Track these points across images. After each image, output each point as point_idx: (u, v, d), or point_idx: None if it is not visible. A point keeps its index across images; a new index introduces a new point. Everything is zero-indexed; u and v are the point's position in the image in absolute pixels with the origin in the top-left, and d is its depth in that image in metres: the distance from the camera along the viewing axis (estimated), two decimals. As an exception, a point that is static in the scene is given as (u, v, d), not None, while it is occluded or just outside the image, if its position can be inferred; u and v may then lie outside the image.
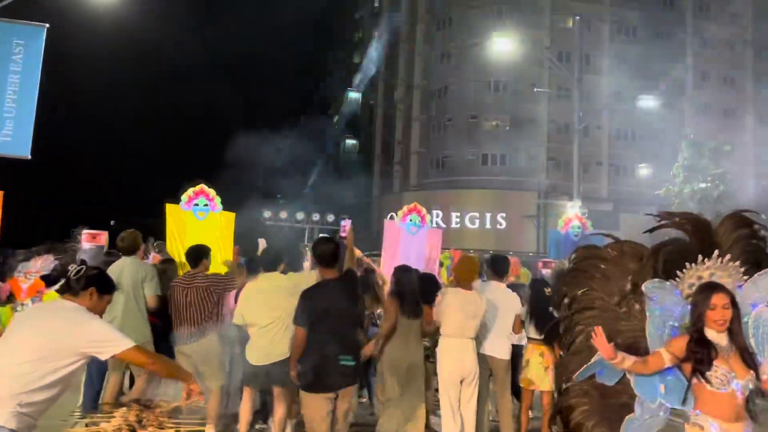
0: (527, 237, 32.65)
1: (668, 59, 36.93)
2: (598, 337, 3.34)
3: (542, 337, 6.11)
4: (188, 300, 5.54)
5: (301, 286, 5.22)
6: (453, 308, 5.33)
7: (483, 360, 5.74)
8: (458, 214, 35.27)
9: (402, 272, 5.59)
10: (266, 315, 5.23)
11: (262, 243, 8.69)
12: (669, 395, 3.36)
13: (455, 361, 5.27)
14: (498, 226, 35.00)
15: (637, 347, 3.54)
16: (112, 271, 5.67)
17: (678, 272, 3.59)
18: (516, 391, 6.17)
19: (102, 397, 5.66)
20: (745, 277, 3.50)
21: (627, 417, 3.51)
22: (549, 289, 6.24)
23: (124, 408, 3.15)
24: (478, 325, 5.41)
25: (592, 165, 35.29)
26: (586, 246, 4.07)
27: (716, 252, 3.56)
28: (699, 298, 3.32)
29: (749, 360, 3.21)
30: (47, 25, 10.54)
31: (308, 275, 5.49)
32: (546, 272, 10.92)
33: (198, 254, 5.85)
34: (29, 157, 10.63)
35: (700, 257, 3.57)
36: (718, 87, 39.11)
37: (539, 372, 5.99)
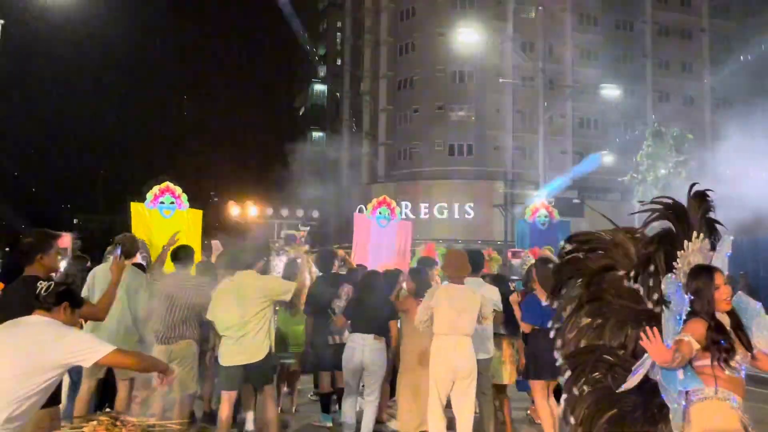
0: (495, 226, 32.93)
1: (628, 48, 37.62)
2: (653, 342, 3.10)
3: (504, 331, 6.19)
4: (172, 300, 5.47)
5: (274, 289, 5.34)
6: (442, 305, 5.19)
7: None
8: (427, 204, 35.41)
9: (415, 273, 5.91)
10: (239, 315, 5.19)
11: (216, 245, 8.56)
12: (688, 380, 3.23)
13: (447, 360, 5.13)
14: (466, 216, 35.25)
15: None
16: (102, 274, 5.60)
17: (674, 263, 3.49)
18: None
19: (75, 408, 5.53)
20: (711, 253, 3.49)
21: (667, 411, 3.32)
22: (513, 284, 6.31)
23: (95, 422, 3.06)
24: (472, 321, 5.23)
25: (557, 153, 35.76)
26: (579, 233, 3.96)
27: (694, 234, 3.51)
28: (701, 283, 3.24)
29: (745, 339, 3.20)
30: (2, 21, 10.24)
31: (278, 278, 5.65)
32: (515, 261, 11.06)
33: (183, 254, 5.79)
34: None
35: (685, 243, 3.51)
36: (677, 75, 39.94)
37: (496, 366, 6.08)
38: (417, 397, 5.44)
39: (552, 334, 3.82)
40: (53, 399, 3.35)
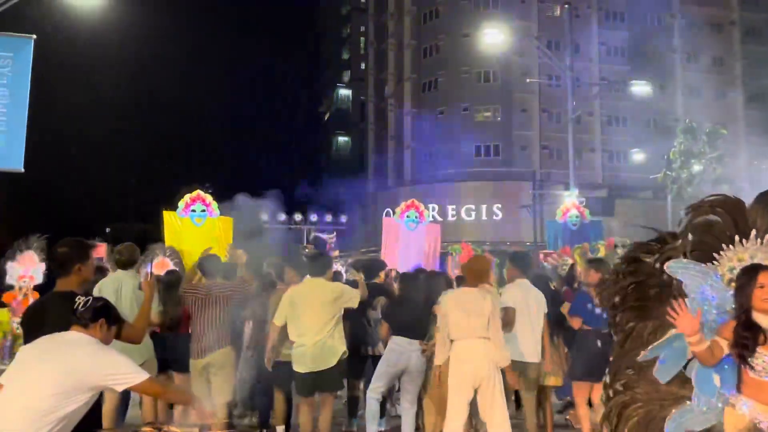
0: (524, 227, 32.65)
1: (657, 43, 37.00)
2: (682, 313, 3.12)
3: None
4: (204, 309, 5.41)
5: (345, 296, 5.45)
6: (452, 309, 5.06)
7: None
8: (454, 207, 35.25)
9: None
10: (313, 323, 5.28)
11: (241, 255, 8.54)
12: (725, 385, 3.17)
13: (464, 364, 4.96)
14: (494, 218, 35.00)
15: None
16: (108, 284, 5.56)
17: (715, 255, 3.40)
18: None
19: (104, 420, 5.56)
20: None
21: (679, 408, 3.30)
22: (554, 284, 6.23)
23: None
24: (485, 323, 4.99)
25: (586, 152, 35.32)
26: (636, 244, 3.85)
27: (753, 232, 3.37)
28: (744, 279, 3.17)
29: None
30: (34, 36, 10.44)
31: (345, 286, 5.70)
32: (547, 264, 10.92)
33: (213, 263, 5.74)
34: (22, 170, 10.55)
35: (737, 239, 3.38)
36: (707, 70, 39.17)
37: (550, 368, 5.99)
38: (442, 409, 5.25)
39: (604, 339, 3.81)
40: (95, 421, 3.30)
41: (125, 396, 5.74)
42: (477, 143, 36.77)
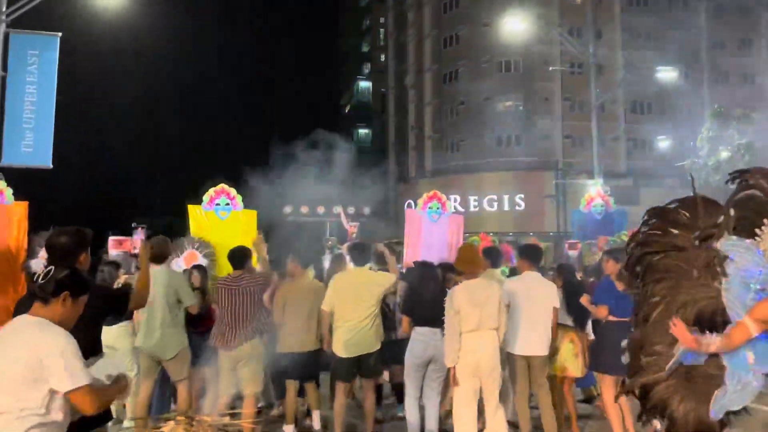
0: (547, 217, 32.42)
1: (682, 28, 36.28)
2: (678, 328, 3.21)
3: (572, 323, 6.06)
4: (234, 302, 5.51)
5: (386, 283, 5.72)
6: (464, 304, 5.07)
7: (514, 359, 5.61)
8: (476, 197, 35.09)
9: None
10: (356, 309, 5.52)
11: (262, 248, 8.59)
12: (760, 362, 3.11)
13: (470, 354, 5.02)
14: (517, 208, 34.78)
15: (717, 316, 3.30)
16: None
17: (757, 230, 3.29)
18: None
19: (132, 411, 5.63)
20: None
21: (716, 392, 3.25)
22: (580, 274, 6.17)
23: (172, 422, 3.10)
24: (495, 313, 5.12)
25: (609, 140, 34.87)
26: (656, 210, 3.72)
27: None
28: None
29: None
30: (60, 33, 10.60)
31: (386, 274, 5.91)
32: (573, 253, 10.83)
33: (242, 256, 5.81)
34: (50, 166, 10.75)
35: None
36: (735, 54, 38.33)
37: (570, 358, 5.94)
38: (473, 400, 5.27)
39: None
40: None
41: (162, 386, 5.86)
42: (498, 133, 36.51)
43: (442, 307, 5.52)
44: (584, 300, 5.74)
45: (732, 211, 3.35)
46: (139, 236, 10.11)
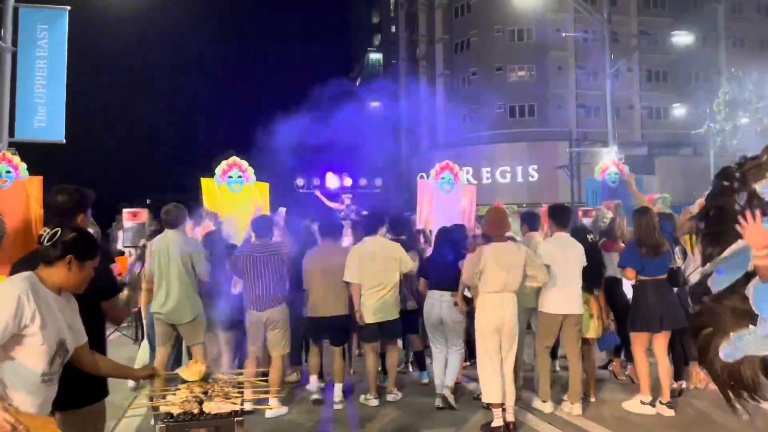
0: (560, 187, 32.19)
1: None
2: (754, 224, 2.69)
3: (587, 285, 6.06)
4: (259, 268, 5.67)
5: (403, 258, 6.04)
6: (491, 264, 5.22)
7: (547, 317, 5.71)
8: (489, 169, 34.90)
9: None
10: (376, 276, 5.86)
11: (280, 213, 8.75)
12: None
13: (493, 312, 5.21)
14: (530, 179, 34.56)
15: None
16: (158, 243, 5.75)
17: None
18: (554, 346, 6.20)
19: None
20: None
21: (736, 332, 2.89)
22: (591, 236, 6.20)
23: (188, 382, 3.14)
24: (519, 277, 5.26)
25: (624, 109, 34.40)
26: (719, 171, 3.69)
27: None
28: None
29: None
30: (69, 7, 10.56)
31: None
32: (586, 221, 10.75)
33: (266, 224, 5.99)
34: (63, 141, 10.78)
35: None
36: (752, 19, 37.45)
37: (585, 320, 5.96)
38: (496, 355, 5.38)
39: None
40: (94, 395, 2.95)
41: (177, 351, 5.97)
42: (511, 104, 36.13)
43: (452, 272, 5.76)
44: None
45: None
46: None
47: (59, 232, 2.54)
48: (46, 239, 2.52)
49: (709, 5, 36.46)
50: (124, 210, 9.96)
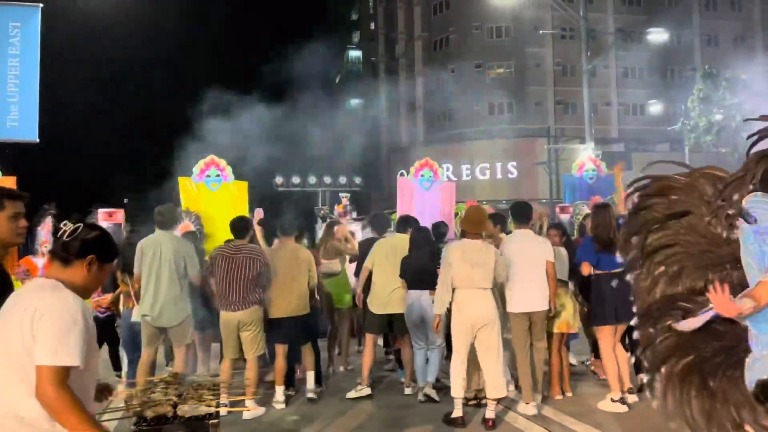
0: (540, 184, 32.42)
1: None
2: (719, 294, 2.83)
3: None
4: (234, 269, 5.61)
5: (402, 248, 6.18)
6: (457, 259, 5.31)
7: (514, 318, 5.74)
8: (468, 166, 35.02)
9: None
10: (391, 272, 6.08)
11: (258, 213, 8.70)
12: None
13: (465, 308, 5.28)
14: (509, 176, 34.76)
15: (726, 281, 3.05)
16: (149, 244, 5.71)
17: None
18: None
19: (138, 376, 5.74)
20: None
21: (747, 359, 2.97)
22: (575, 237, 6.26)
23: (163, 383, 3.12)
24: (489, 274, 5.30)
25: (601, 105, 34.73)
26: (653, 177, 3.55)
27: None
28: None
29: None
30: (41, 4, 10.38)
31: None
32: (564, 217, 10.87)
33: (243, 226, 5.93)
34: (37, 140, 10.60)
35: None
36: (725, 15, 38.02)
37: (565, 316, 6.02)
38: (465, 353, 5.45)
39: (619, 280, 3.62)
40: None
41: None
42: (490, 101, 36.27)
43: (429, 270, 5.81)
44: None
45: (759, 163, 3.07)
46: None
47: (80, 228, 2.27)
48: (67, 234, 2.24)
49: (683, 2, 36.95)
50: (99, 210, 9.84)
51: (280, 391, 5.93)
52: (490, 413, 5.25)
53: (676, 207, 3.39)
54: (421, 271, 6.01)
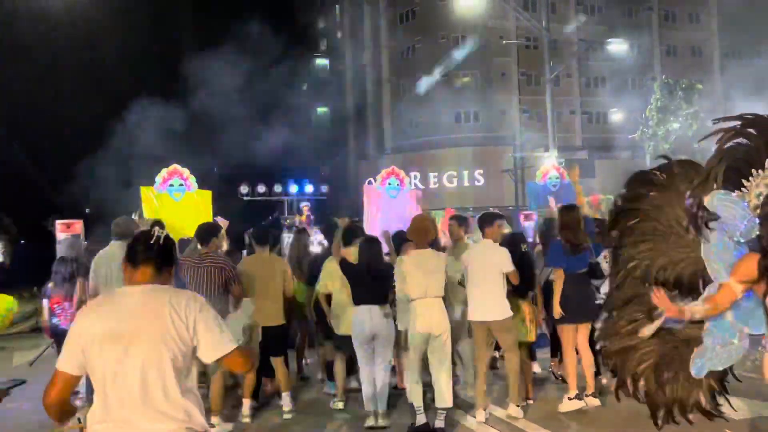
0: (506, 191, 32.75)
1: (633, 2, 36.80)
2: (660, 298, 3.10)
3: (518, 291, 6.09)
4: (198, 279, 5.38)
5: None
6: (410, 270, 5.27)
7: (474, 327, 5.71)
8: (436, 174, 35.21)
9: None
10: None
11: (222, 222, 8.54)
12: (742, 322, 3.02)
13: (421, 318, 5.23)
14: (476, 183, 35.04)
15: (698, 277, 3.20)
16: (105, 255, 5.53)
17: (744, 181, 3.10)
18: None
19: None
20: None
21: (695, 351, 3.16)
22: (525, 245, 6.22)
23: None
24: (441, 282, 5.30)
25: (565, 114, 35.32)
26: (635, 174, 3.69)
27: None
28: None
29: None
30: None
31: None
32: (528, 224, 10.97)
33: (208, 233, 5.71)
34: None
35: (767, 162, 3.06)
36: (684, 27, 39.13)
37: (520, 325, 5.97)
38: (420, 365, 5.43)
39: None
40: None
41: None
42: (456, 109, 36.57)
43: (382, 284, 5.50)
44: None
45: (720, 162, 3.18)
46: None
47: (165, 236, 2.20)
48: (162, 241, 2.17)
49: (644, 14, 37.91)
50: (57, 221, 9.57)
51: (246, 405, 5.73)
52: (439, 422, 5.25)
53: (653, 203, 3.50)
54: (370, 285, 5.51)
